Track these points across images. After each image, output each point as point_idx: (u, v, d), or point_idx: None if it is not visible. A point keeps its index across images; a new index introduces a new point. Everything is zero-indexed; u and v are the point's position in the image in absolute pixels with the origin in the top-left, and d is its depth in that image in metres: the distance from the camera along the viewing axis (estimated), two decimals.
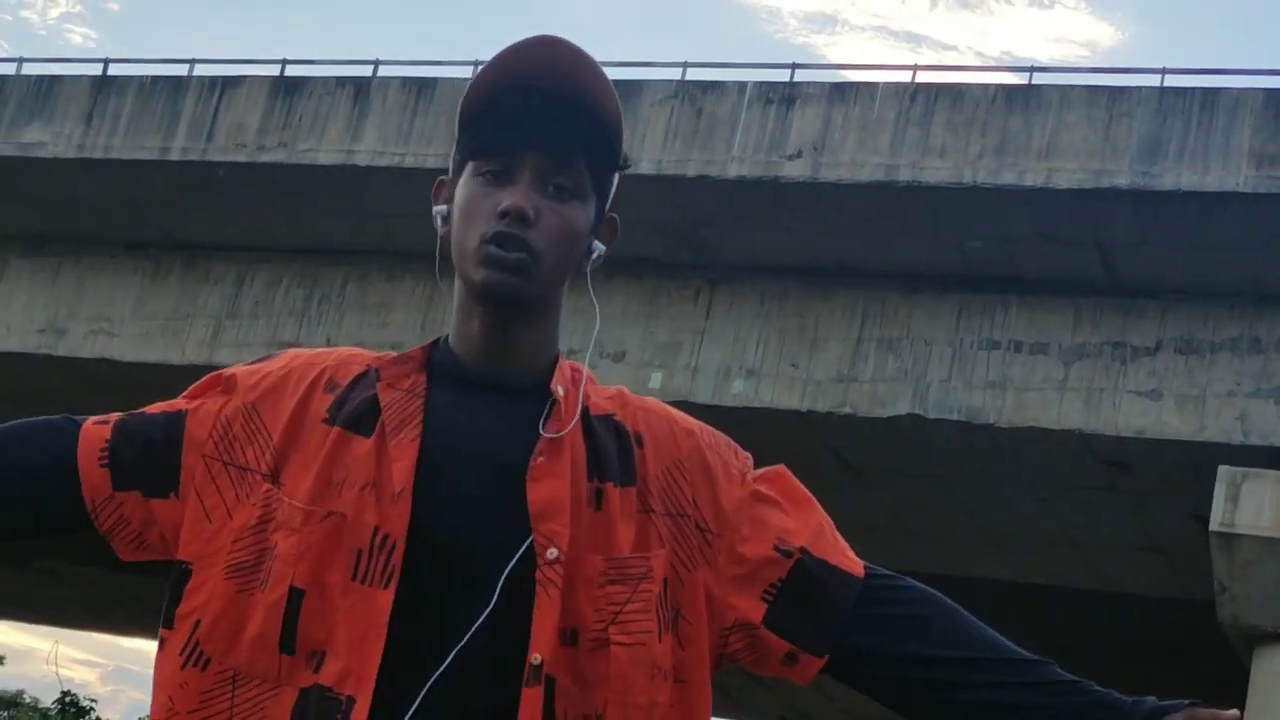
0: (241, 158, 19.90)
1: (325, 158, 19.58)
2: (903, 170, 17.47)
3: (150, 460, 2.49)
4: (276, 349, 2.66)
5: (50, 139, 20.67)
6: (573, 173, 2.46)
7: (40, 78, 21.34)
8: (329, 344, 19.73)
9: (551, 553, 2.32)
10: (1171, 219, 16.81)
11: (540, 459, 2.39)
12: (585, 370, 2.55)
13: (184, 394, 2.59)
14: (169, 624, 2.43)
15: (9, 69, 21.77)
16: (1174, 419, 17.29)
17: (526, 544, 2.32)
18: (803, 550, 2.50)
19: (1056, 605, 22.85)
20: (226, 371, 2.57)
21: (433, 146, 19.12)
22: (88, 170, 20.55)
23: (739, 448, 2.61)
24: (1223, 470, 16.55)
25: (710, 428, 2.60)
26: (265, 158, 19.82)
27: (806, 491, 2.58)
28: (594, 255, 2.56)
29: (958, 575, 22.27)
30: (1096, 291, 17.84)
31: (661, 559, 2.41)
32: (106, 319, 21.37)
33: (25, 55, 23.19)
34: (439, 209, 2.57)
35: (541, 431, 2.42)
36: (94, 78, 21.09)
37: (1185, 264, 17.20)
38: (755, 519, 2.50)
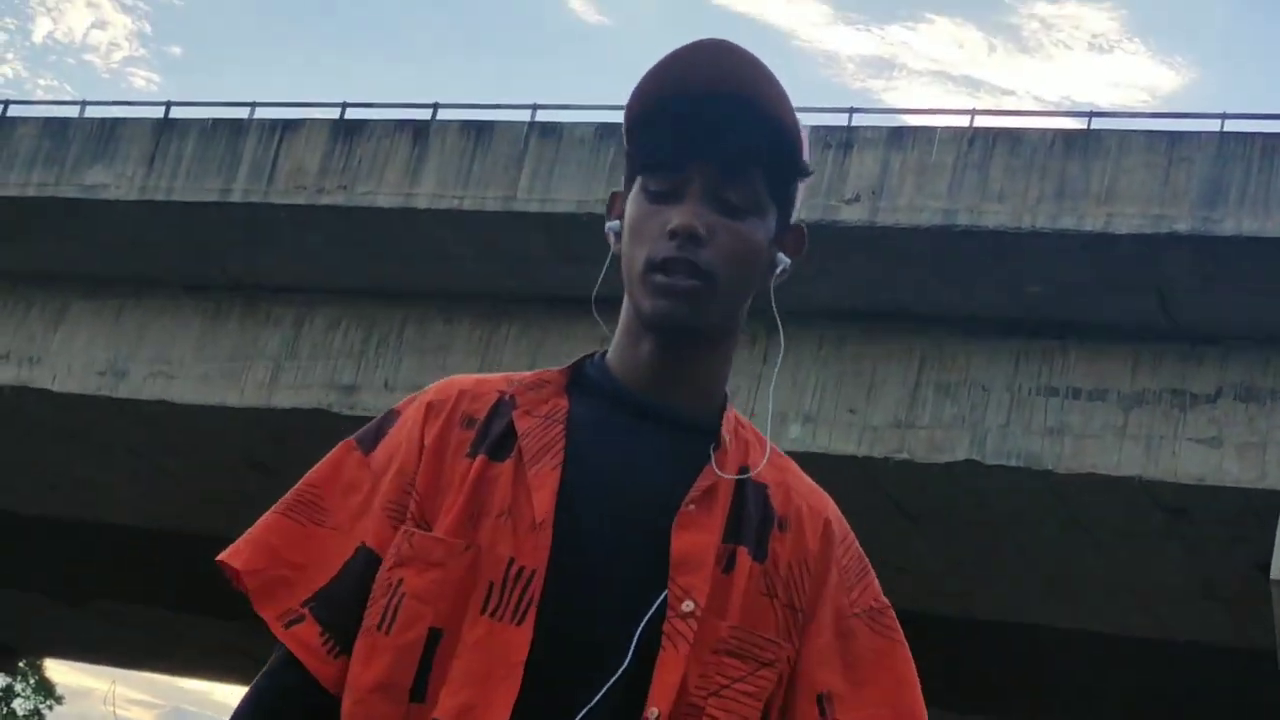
0: (301, 200, 19.99)
1: (384, 200, 19.65)
2: (961, 215, 17.43)
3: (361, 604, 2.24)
4: (334, 392, 2.50)
5: (113, 181, 20.82)
6: (747, 186, 2.26)
7: (103, 120, 21.50)
8: (386, 387, 19.81)
9: (687, 605, 2.15)
10: (1232, 265, 16.73)
11: (691, 507, 2.21)
12: (752, 427, 2.38)
13: (328, 514, 2.31)
14: None
15: (72, 112, 21.96)
16: (1234, 466, 17.17)
17: (663, 596, 2.15)
18: None
19: (1115, 653, 22.68)
20: (360, 467, 2.32)
21: (491, 190, 19.18)
22: (149, 212, 20.68)
23: (874, 585, 2.38)
24: None
25: (857, 549, 2.38)
26: (325, 200, 19.91)
27: (914, 679, 2.32)
28: (778, 270, 2.38)
29: (1015, 622, 22.15)
30: (1156, 337, 17.75)
31: (788, 653, 2.22)
32: (166, 361, 21.47)
33: (88, 98, 23.37)
34: (611, 224, 2.36)
35: (714, 468, 2.24)
36: (156, 120, 21.25)
37: (1246, 310, 17.10)
38: (825, 653, 2.27)
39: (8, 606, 33.07)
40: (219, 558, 2.28)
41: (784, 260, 2.38)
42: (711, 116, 2.24)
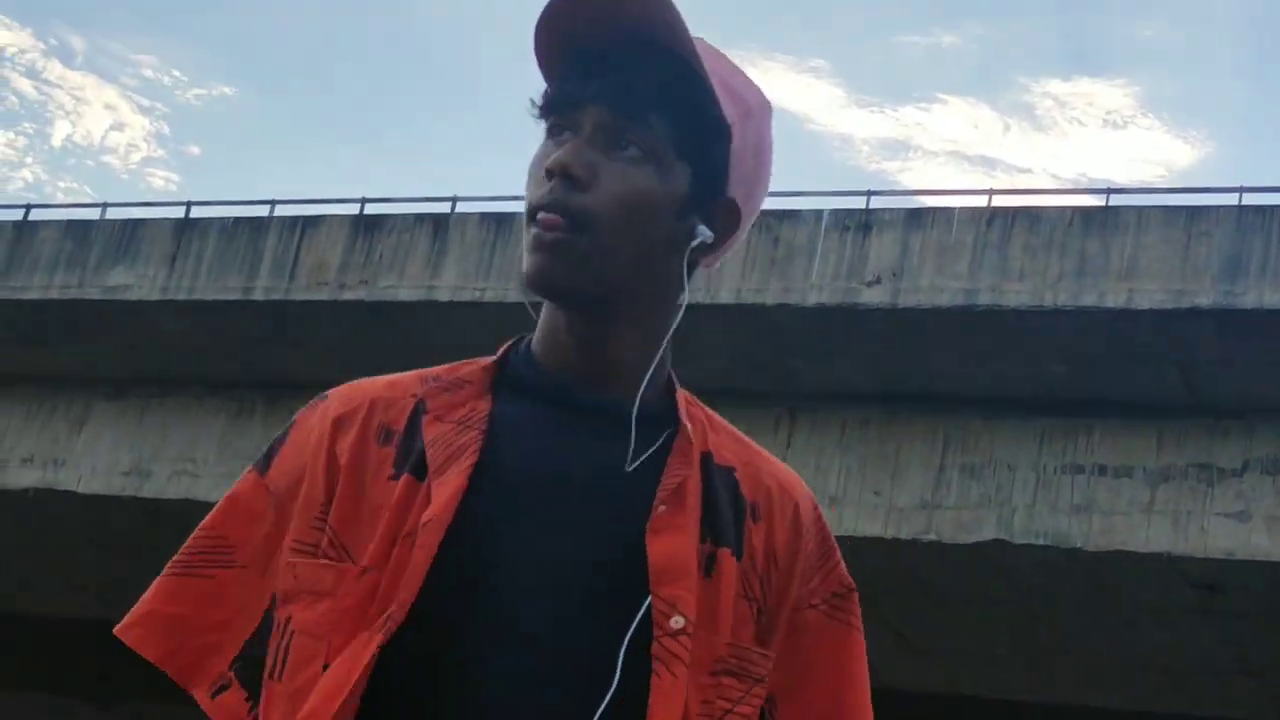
0: (323, 296, 20.04)
1: (406, 294, 19.68)
2: (982, 294, 17.42)
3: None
4: None
5: (135, 281, 20.89)
6: (645, 130, 1.97)
7: (124, 222, 21.60)
8: None
9: (676, 621, 1.89)
10: (1255, 338, 16.69)
11: (663, 508, 1.94)
12: (704, 409, 2.11)
13: (220, 557, 2.11)
14: None
15: (93, 214, 22.08)
16: (1264, 540, 17.08)
17: (644, 608, 1.90)
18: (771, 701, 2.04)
19: None
20: (257, 490, 2.09)
21: (513, 281, 19.21)
22: (172, 312, 20.74)
23: (838, 569, 2.12)
24: None
25: (823, 532, 2.12)
26: (347, 295, 19.95)
27: (859, 673, 2.09)
28: (696, 240, 2.03)
29: (1048, 702, 22.00)
30: (1181, 413, 17.70)
31: (772, 661, 2.01)
32: (191, 460, 21.49)
33: (109, 200, 23.56)
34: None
35: (678, 462, 1.99)
36: (177, 220, 21.34)
37: (1270, 383, 17.05)
38: (778, 653, 2.04)
39: (39, 710, 32.98)
40: (128, 641, 2.10)
41: (705, 232, 2.03)
42: (609, 55, 1.99)
